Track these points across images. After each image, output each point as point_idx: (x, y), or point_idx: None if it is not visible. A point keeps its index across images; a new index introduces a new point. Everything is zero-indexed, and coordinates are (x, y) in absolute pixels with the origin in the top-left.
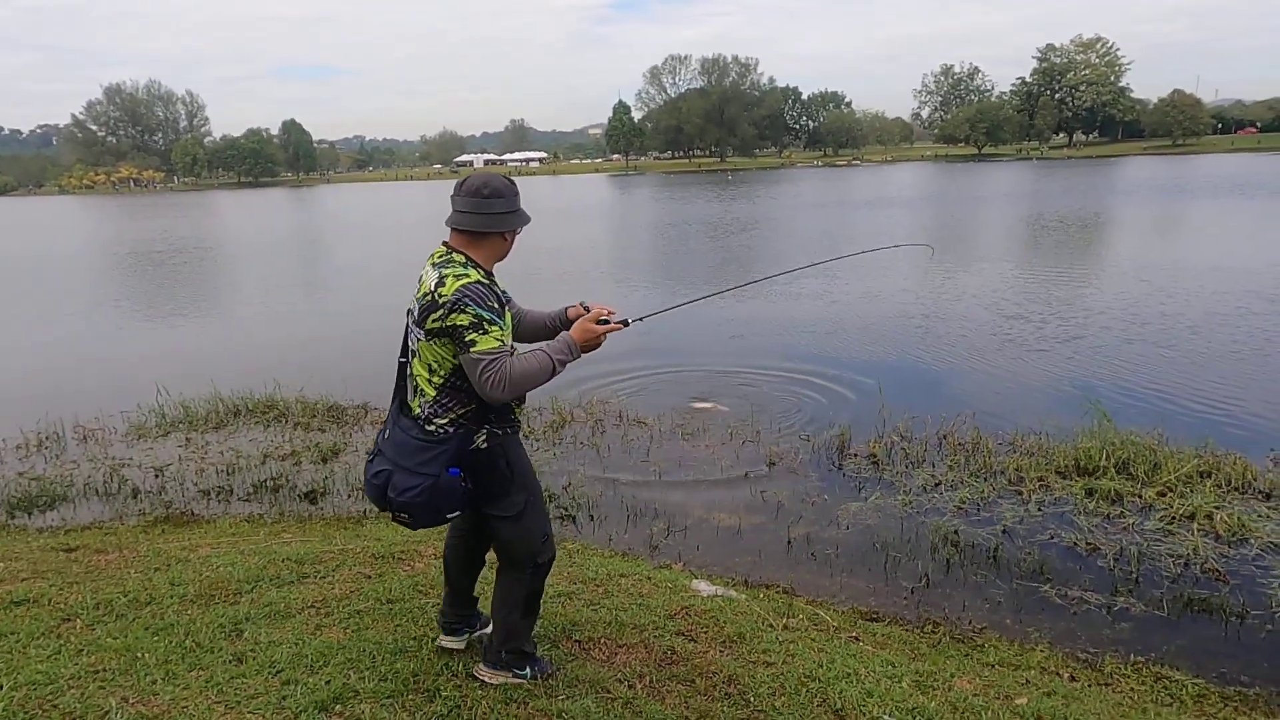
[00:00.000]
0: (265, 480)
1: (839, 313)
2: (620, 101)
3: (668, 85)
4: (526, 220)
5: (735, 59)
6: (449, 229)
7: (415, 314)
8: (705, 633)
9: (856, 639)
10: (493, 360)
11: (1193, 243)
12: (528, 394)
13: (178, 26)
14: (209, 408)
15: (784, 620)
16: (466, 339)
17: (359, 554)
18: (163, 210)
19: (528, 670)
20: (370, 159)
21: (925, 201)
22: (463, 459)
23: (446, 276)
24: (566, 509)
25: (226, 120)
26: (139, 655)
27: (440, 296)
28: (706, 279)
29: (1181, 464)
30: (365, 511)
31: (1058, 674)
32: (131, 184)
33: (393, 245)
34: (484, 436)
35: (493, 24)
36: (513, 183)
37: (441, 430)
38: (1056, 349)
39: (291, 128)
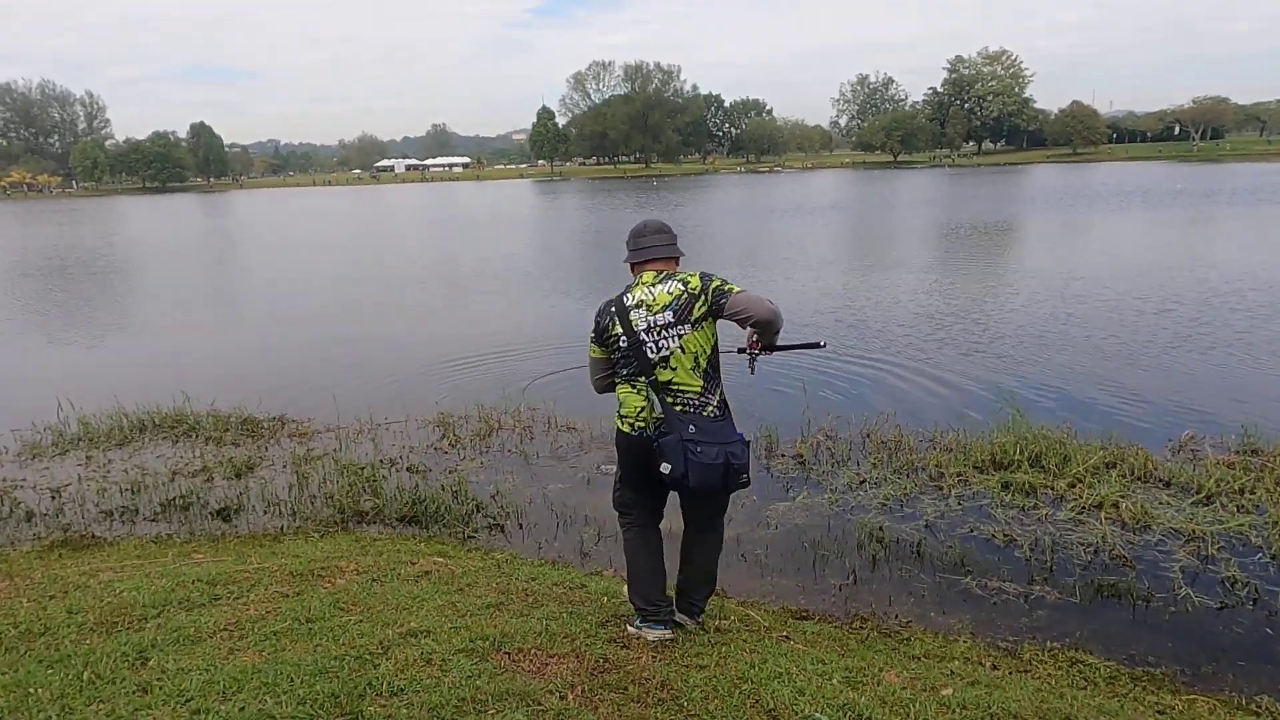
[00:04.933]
0: (174, 498)
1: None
2: (544, 107)
3: (592, 91)
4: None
5: (658, 66)
6: (640, 263)
7: (670, 318)
8: (637, 639)
9: (787, 638)
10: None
11: (1089, 249)
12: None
13: (69, 24)
14: (111, 424)
15: (715, 622)
16: (728, 290)
17: (276, 572)
18: (55, 217)
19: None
20: (286, 163)
21: (846, 209)
22: None
23: (684, 277)
24: (494, 518)
25: (130, 123)
26: (31, 691)
27: (694, 288)
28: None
29: (1089, 456)
30: (283, 528)
31: (980, 663)
32: (25, 189)
33: (304, 257)
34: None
35: (409, 27)
36: None
37: (717, 411)
38: (971, 349)
39: (201, 131)
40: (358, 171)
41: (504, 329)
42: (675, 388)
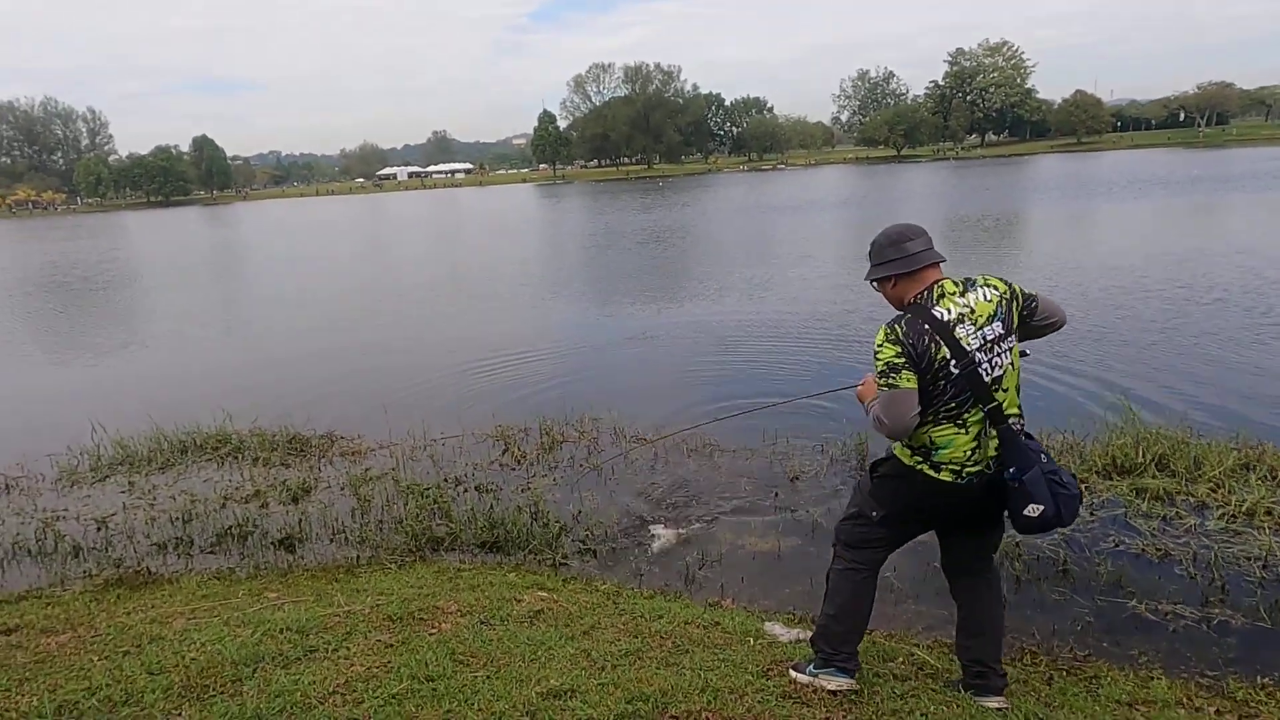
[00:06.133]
0: (230, 527)
1: (804, 316)
2: (545, 111)
3: (592, 93)
4: None
5: (658, 66)
6: (909, 273)
7: (1000, 330)
8: (812, 691)
9: None
10: None
11: (1116, 238)
12: None
13: (70, 41)
14: (151, 446)
15: (888, 666)
16: (1031, 293)
17: (370, 616)
18: (59, 234)
19: None
20: (288, 174)
21: (857, 204)
22: None
23: (990, 281)
24: (584, 541)
25: (133, 138)
26: None
27: (1004, 292)
28: (667, 290)
29: (1223, 458)
30: (356, 558)
31: (1199, 709)
32: (30, 207)
33: (316, 268)
34: None
35: (406, 36)
36: None
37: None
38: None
39: (204, 144)
40: (360, 180)
41: (530, 333)
42: (1008, 414)
